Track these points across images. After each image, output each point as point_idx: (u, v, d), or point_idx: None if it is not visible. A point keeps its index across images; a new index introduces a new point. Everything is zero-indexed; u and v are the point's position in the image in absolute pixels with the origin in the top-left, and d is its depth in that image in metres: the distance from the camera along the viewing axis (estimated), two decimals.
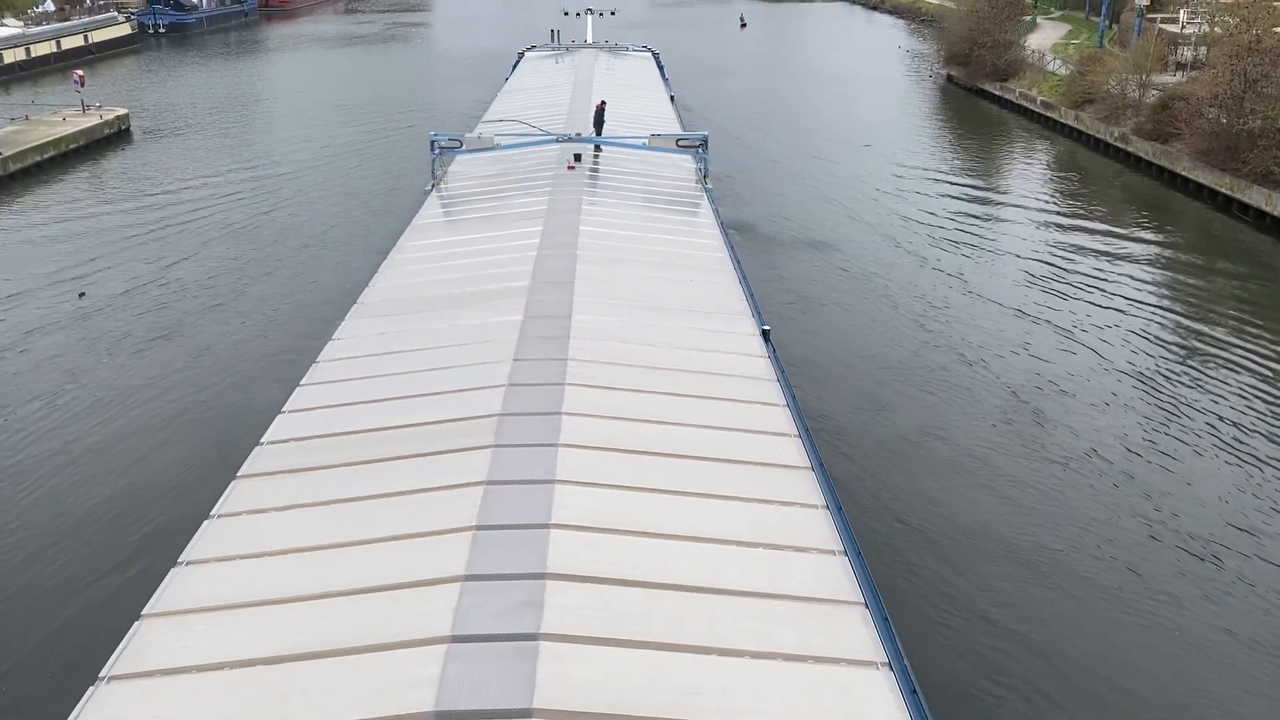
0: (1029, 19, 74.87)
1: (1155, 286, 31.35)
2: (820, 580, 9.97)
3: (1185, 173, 41.76)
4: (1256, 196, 37.25)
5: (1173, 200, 41.42)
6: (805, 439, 12.96)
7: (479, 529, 10.21)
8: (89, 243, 34.61)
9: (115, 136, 51.30)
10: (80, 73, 53.35)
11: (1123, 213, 39.72)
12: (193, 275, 31.35)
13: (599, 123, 30.02)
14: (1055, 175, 46.86)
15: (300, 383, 14.85)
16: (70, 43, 77.95)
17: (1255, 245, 35.51)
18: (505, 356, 14.74)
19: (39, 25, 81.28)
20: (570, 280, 18.08)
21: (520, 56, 54.08)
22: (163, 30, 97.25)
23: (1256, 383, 24.29)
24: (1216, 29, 45.55)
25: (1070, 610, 16.26)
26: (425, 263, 20.57)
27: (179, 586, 9.91)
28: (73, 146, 47.59)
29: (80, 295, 29.46)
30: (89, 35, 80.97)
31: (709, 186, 26.67)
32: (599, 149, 28.70)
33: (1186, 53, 52.65)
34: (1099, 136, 49.34)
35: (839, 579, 10.02)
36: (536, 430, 12.37)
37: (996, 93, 61.87)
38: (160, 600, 9.70)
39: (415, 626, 8.85)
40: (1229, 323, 28.07)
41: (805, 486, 11.78)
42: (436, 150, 27.61)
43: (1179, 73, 50.91)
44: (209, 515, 11.26)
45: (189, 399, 23.26)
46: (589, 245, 20.31)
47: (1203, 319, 28.45)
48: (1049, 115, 54.95)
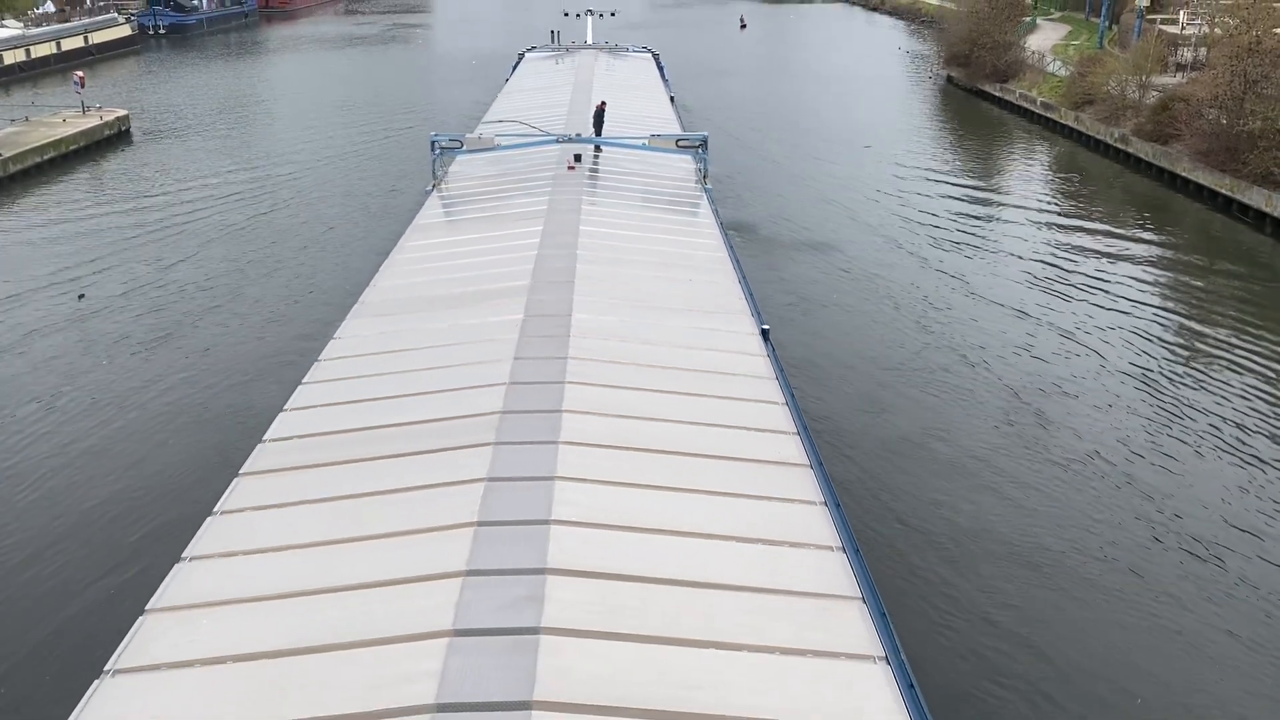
0: (1029, 20, 74.98)
1: (1156, 287, 31.37)
2: (818, 575, 10.00)
3: (1185, 174, 41.79)
4: (1256, 197, 37.28)
5: (1173, 201, 41.45)
6: (804, 437, 12.99)
7: (480, 525, 10.25)
8: (89, 244, 34.63)
9: (115, 138, 51.33)
10: (80, 74, 53.38)
11: (1123, 214, 39.76)
12: (192, 276, 31.36)
13: (599, 123, 30.07)
14: (1055, 176, 46.89)
15: (302, 381, 14.90)
16: (70, 44, 78.09)
17: (1255, 246, 35.53)
18: (506, 355, 14.78)
19: (39, 26, 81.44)
20: (570, 280, 18.13)
21: (520, 57, 54.19)
22: (163, 31, 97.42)
23: (1258, 383, 24.30)
24: (1216, 30, 45.56)
25: (1072, 611, 16.25)
26: (426, 262, 20.62)
27: (182, 582, 9.96)
28: (73, 148, 47.61)
29: (80, 297, 29.44)
30: (89, 36, 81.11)
31: (709, 187, 26.71)
32: (599, 149, 28.75)
33: (1186, 54, 52.71)
34: (1099, 137, 49.37)
35: (837, 574, 10.05)
36: (537, 428, 12.41)
37: (996, 94, 61.92)
38: (164, 595, 9.76)
39: (417, 621, 8.89)
40: (1229, 323, 28.07)
41: (804, 483, 11.81)
42: (437, 151, 27.70)
43: (1179, 74, 50.98)
44: (212, 512, 11.32)
45: (188, 400, 23.27)
46: (589, 245, 20.36)
47: (1203, 320, 28.46)
48: (1049, 116, 55.00)
